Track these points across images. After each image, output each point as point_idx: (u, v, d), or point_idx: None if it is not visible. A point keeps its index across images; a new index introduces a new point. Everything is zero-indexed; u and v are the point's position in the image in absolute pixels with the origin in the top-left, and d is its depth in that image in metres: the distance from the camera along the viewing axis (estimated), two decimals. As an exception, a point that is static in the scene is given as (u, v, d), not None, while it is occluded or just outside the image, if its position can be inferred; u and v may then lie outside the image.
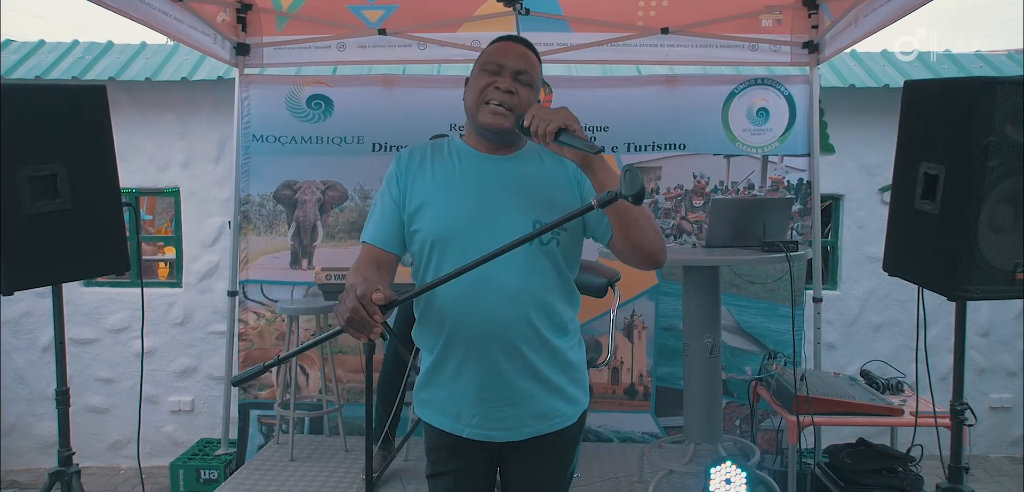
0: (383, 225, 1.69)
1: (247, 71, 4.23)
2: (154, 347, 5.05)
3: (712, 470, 2.84)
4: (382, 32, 4.08)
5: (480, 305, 1.59)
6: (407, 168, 1.70)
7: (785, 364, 3.54)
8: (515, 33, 3.95)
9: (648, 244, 1.58)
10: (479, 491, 1.81)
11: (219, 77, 4.83)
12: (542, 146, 1.57)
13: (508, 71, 1.65)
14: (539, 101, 1.71)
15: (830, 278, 5.18)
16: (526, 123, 1.56)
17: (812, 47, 3.99)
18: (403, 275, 1.81)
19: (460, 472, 1.77)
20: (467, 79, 1.73)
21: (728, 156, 4.17)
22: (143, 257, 5.41)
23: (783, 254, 2.94)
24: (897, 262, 2.13)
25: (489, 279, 1.57)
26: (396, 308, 1.55)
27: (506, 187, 1.66)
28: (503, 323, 1.61)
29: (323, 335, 1.59)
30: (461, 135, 1.80)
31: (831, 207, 5.17)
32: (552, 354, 1.68)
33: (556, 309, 1.67)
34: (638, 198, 1.35)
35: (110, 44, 5.35)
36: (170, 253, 5.32)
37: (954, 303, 1.98)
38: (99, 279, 4.86)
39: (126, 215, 2.31)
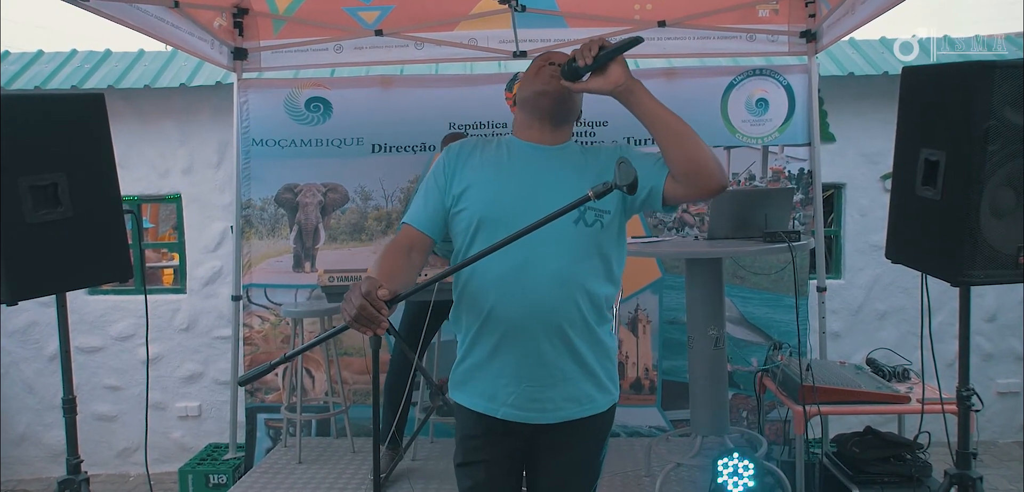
0: (425, 209, 1.75)
1: (245, 75, 4.24)
2: (160, 353, 5.07)
3: (720, 462, 2.84)
4: (379, 33, 4.07)
5: (523, 286, 1.63)
6: (456, 157, 1.77)
7: (790, 354, 3.53)
8: (515, 35, 3.96)
9: (702, 156, 1.65)
10: (508, 485, 1.83)
11: (218, 82, 4.84)
12: (583, 148, 1.71)
13: (556, 59, 1.77)
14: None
15: (834, 267, 5.17)
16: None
17: (810, 36, 3.98)
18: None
19: (491, 462, 1.80)
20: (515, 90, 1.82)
21: (728, 148, 4.17)
22: (147, 264, 5.43)
23: (786, 245, 2.94)
24: (900, 249, 2.12)
25: (534, 261, 1.62)
26: (402, 310, 1.57)
27: (551, 173, 1.72)
28: (548, 305, 1.64)
29: (328, 332, 1.61)
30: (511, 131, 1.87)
31: (833, 196, 5.16)
32: (593, 338, 1.72)
33: (598, 294, 1.71)
34: (632, 188, 1.44)
35: (108, 52, 5.36)
36: (174, 259, 5.33)
37: (958, 289, 1.97)
38: (104, 287, 4.87)
39: (128, 222, 2.31)
